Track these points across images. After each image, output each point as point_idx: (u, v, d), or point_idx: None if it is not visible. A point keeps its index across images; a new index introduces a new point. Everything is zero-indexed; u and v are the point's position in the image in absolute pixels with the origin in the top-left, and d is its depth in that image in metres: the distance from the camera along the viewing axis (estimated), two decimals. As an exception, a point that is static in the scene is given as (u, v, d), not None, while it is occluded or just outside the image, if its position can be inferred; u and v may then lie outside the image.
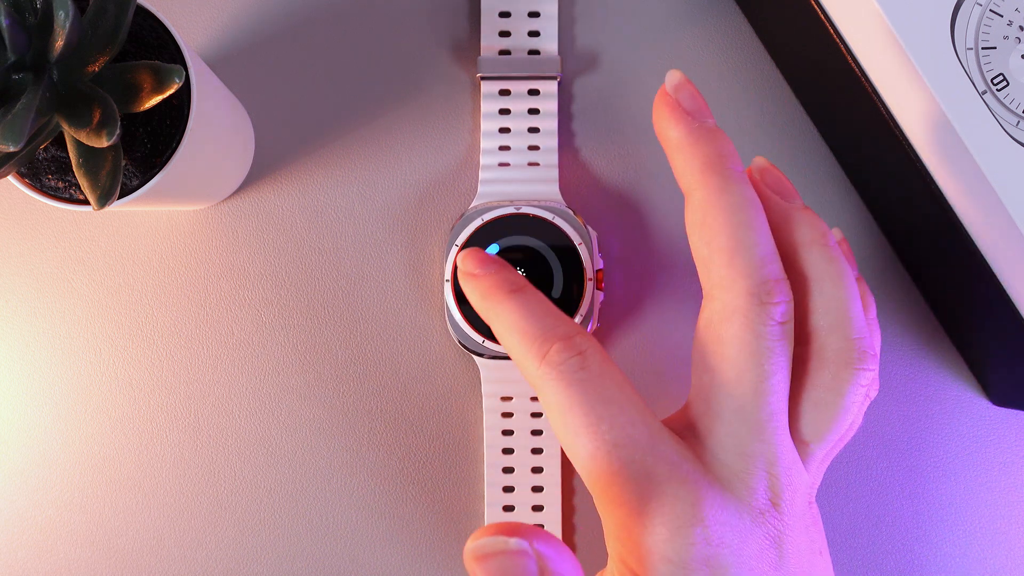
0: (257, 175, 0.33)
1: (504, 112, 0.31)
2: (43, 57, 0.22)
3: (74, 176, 0.25)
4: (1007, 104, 0.25)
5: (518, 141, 0.31)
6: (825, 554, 0.25)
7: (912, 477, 0.33)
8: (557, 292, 0.29)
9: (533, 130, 0.31)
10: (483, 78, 0.31)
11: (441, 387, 0.32)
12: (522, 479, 0.31)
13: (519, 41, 0.31)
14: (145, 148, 0.25)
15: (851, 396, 0.24)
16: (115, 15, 0.23)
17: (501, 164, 0.31)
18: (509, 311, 0.24)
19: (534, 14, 0.31)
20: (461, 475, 0.32)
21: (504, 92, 0.31)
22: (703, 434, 0.24)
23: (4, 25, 0.20)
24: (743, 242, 0.24)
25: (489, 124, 0.31)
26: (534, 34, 0.31)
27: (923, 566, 0.32)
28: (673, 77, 0.25)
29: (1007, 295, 0.27)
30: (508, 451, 0.31)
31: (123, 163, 0.25)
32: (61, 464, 0.32)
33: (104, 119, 0.22)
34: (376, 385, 0.32)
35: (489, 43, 0.31)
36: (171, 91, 0.22)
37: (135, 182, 0.25)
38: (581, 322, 0.29)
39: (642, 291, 0.33)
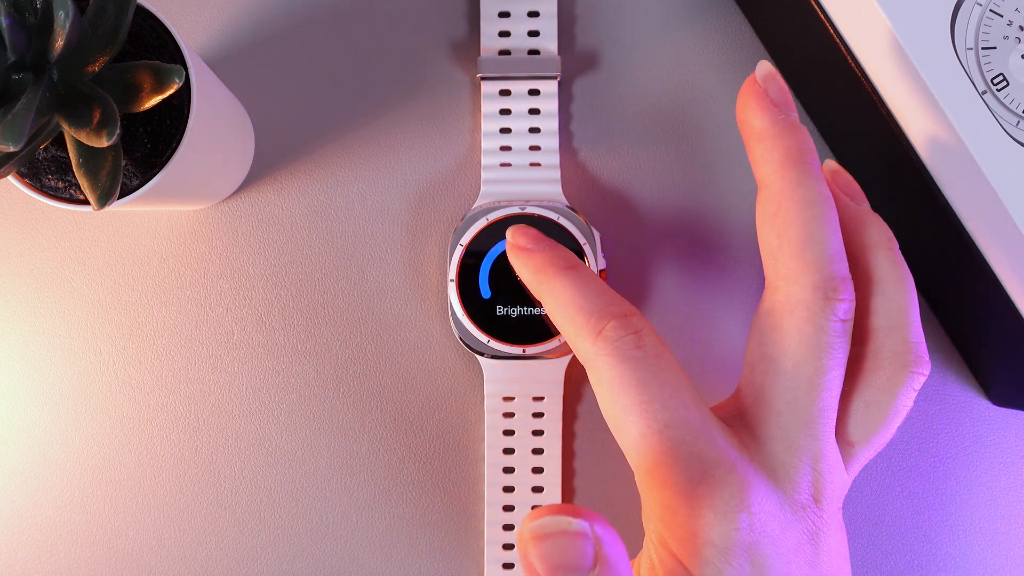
0: (257, 175, 0.33)
1: (505, 112, 0.31)
2: (43, 57, 0.22)
3: (74, 176, 0.25)
4: (1007, 104, 0.25)
5: (519, 141, 0.31)
6: (848, 559, 0.25)
7: (912, 477, 0.33)
8: None
9: (534, 130, 0.31)
10: (483, 78, 0.31)
11: (441, 387, 0.32)
12: (522, 479, 0.31)
13: (519, 41, 0.31)
14: (145, 148, 0.25)
15: (903, 399, 0.24)
16: (115, 15, 0.23)
17: (503, 164, 0.31)
18: (564, 286, 0.24)
19: (533, 14, 0.31)
20: (461, 475, 0.32)
21: (504, 92, 0.31)
22: (753, 423, 0.24)
23: (4, 25, 0.20)
24: (814, 236, 0.24)
25: (490, 124, 0.31)
26: (534, 34, 0.31)
27: (923, 566, 0.32)
28: (763, 67, 0.25)
29: (1007, 295, 0.27)
30: (509, 451, 0.31)
31: (123, 163, 0.25)
32: (61, 464, 0.32)
33: (104, 119, 0.22)
34: (376, 385, 0.32)
35: (489, 43, 0.31)
36: (171, 91, 0.22)
37: (135, 182, 0.25)
38: None
39: (643, 290, 0.33)
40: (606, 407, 0.23)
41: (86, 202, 0.25)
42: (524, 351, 0.29)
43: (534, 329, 0.29)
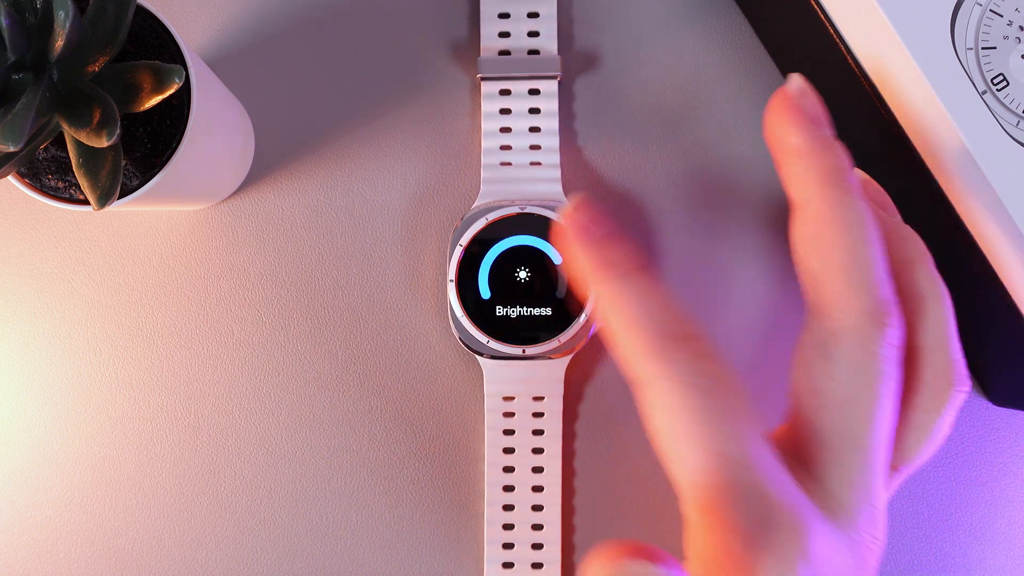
0: (257, 175, 0.33)
1: (505, 112, 0.31)
2: (43, 57, 0.22)
3: (74, 176, 0.25)
4: (1007, 104, 0.25)
5: (519, 141, 0.31)
6: None
7: (912, 477, 0.33)
8: (561, 293, 0.29)
9: (534, 129, 0.31)
10: (483, 78, 0.31)
11: (441, 387, 0.32)
12: (522, 479, 0.31)
13: (519, 41, 0.31)
14: (145, 148, 0.25)
15: (946, 419, 0.24)
16: (115, 15, 0.23)
17: (503, 163, 0.31)
18: (628, 294, 0.22)
19: (533, 15, 0.31)
20: (461, 475, 0.32)
21: (504, 92, 0.31)
22: (808, 460, 0.23)
23: (4, 25, 0.20)
24: (860, 260, 0.23)
25: (490, 124, 0.31)
26: (534, 34, 0.31)
27: (923, 566, 0.32)
28: (796, 81, 0.24)
29: (1007, 295, 0.27)
30: (509, 451, 0.31)
31: (123, 163, 0.25)
32: (61, 464, 0.32)
33: (104, 119, 0.22)
34: (376, 385, 0.32)
35: (489, 44, 0.31)
36: (171, 91, 0.22)
37: (135, 182, 0.25)
38: (586, 322, 0.29)
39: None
40: (662, 433, 0.22)
41: (86, 202, 0.25)
42: (524, 351, 0.29)
43: (534, 329, 0.29)
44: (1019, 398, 0.31)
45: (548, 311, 0.29)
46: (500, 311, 0.29)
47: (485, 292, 0.29)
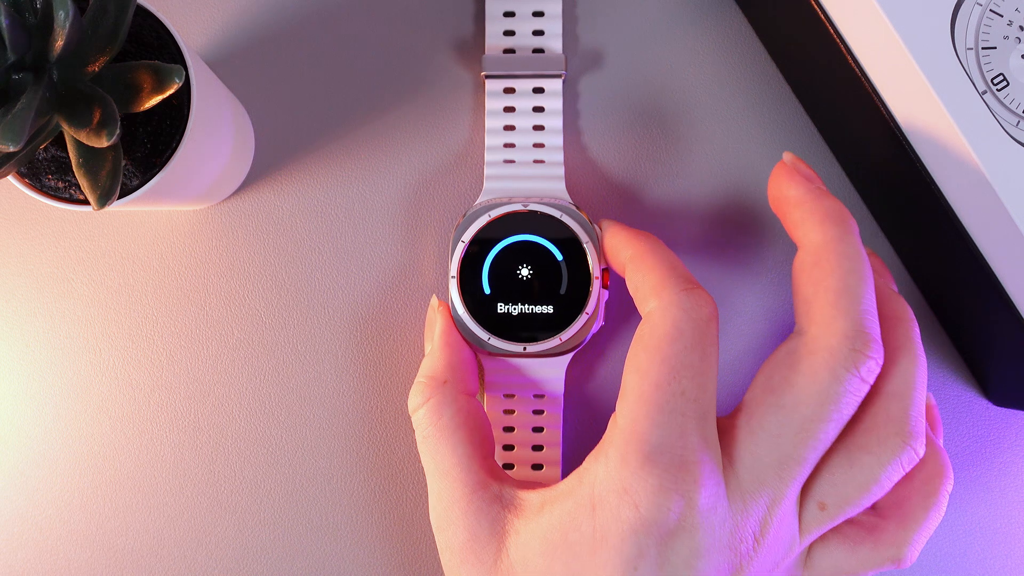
0: (257, 175, 0.33)
1: (509, 110, 0.31)
2: (43, 57, 0.22)
3: (74, 176, 0.25)
4: (1007, 104, 0.25)
5: (523, 139, 0.31)
6: None
7: (912, 477, 0.33)
8: (563, 289, 0.29)
9: (538, 128, 0.31)
10: (488, 76, 0.31)
11: (441, 387, 0.32)
12: (522, 476, 0.31)
13: (523, 40, 0.31)
14: (145, 148, 0.25)
15: (889, 472, 0.24)
16: (115, 15, 0.23)
17: (506, 161, 0.31)
18: (663, 249, 0.27)
19: (538, 13, 0.31)
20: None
21: (509, 90, 0.31)
22: (731, 442, 0.24)
23: (4, 25, 0.20)
24: (851, 288, 0.24)
25: (494, 121, 0.31)
26: (538, 33, 0.31)
27: (923, 566, 0.32)
28: (789, 156, 0.27)
29: (1007, 295, 0.27)
30: (508, 448, 0.31)
31: (123, 163, 0.25)
32: (61, 464, 0.32)
33: (104, 119, 0.22)
34: (377, 385, 0.32)
35: (494, 42, 0.31)
36: (171, 91, 0.22)
37: (135, 182, 0.25)
38: (587, 321, 0.29)
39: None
40: (646, 341, 0.25)
41: (86, 202, 0.25)
42: (525, 348, 0.29)
43: (535, 327, 0.29)
44: (1019, 398, 0.31)
45: (550, 309, 0.29)
46: (501, 308, 0.29)
47: (486, 289, 0.29)
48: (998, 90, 0.25)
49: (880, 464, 0.24)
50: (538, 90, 0.31)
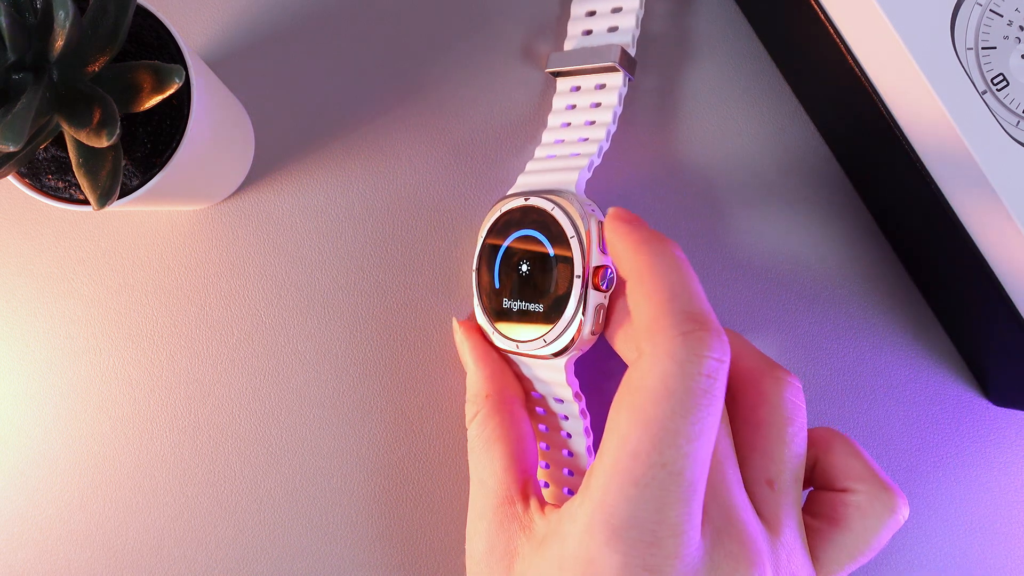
0: (257, 175, 0.33)
1: (571, 108, 0.31)
2: (43, 57, 0.22)
3: (74, 176, 0.25)
4: (1007, 104, 0.25)
5: (572, 134, 0.31)
6: None
7: (912, 477, 0.33)
8: (552, 287, 0.27)
9: (589, 123, 0.31)
10: (553, 74, 0.32)
11: (442, 387, 0.32)
12: (557, 478, 0.30)
13: (598, 33, 0.32)
14: (145, 148, 0.25)
15: (884, 534, 0.24)
16: (115, 15, 0.23)
17: (549, 156, 0.31)
18: (668, 268, 0.23)
19: (616, 10, 0.32)
20: (462, 474, 0.32)
21: (576, 88, 0.31)
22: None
23: (4, 25, 0.20)
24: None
25: (555, 119, 0.31)
26: (613, 30, 0.32)
27: (923, 566, 0.32)
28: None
29: (1007, 295, 0.27)
30: (546, 448, 0.30)
31: (123, 163, 0.25)
32: (61, 464, 0.32)
33: (104, 119, 0.22)
34: (377, 385, 0.32)
35: (573, 32, 0.32)
36: (171, 91, 0.22)
37: (135, 182, 0.25)
38: (568, 325, 0.26)
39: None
40: (630, 397, 0.21)
41: (86, 202, 0.25)
42: (518, 347, 0.28)
43: (528, 325, 0.28)
44: (1019, 398, 0.31)
45: (540, 307, 0.27)
46: (506, 303, 0.28)
47: (496, 283, 0.29)
48: (998, 90, 0.25)
49: (875, 534, 0.24)
50: (600, 86, 0.31)
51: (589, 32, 0.32)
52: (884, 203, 0.32)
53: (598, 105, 0.31)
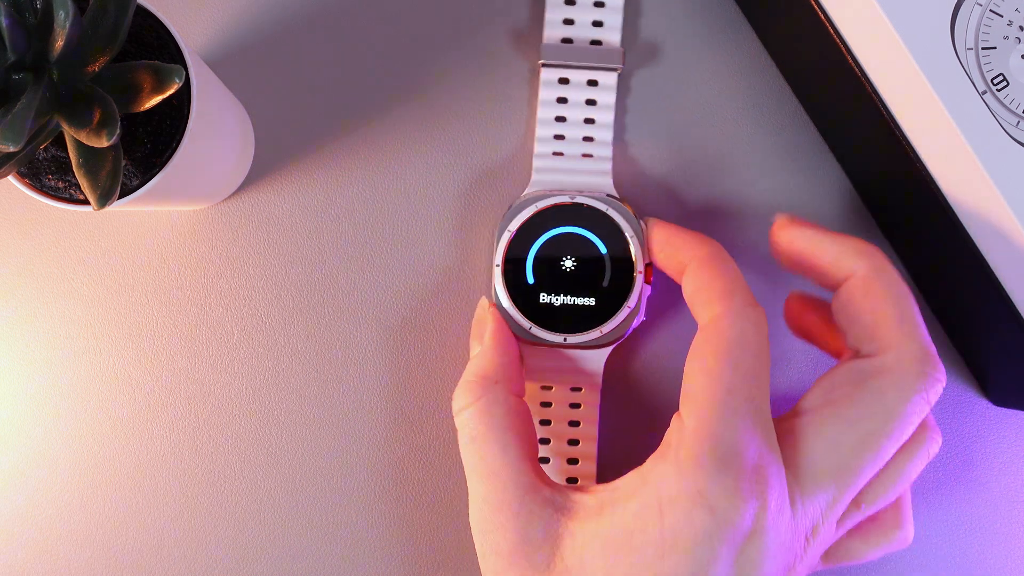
0: (257, 175, 0.33)
1: (562, 101, 0.31)
2: (43, 57, 0.22)
3: (74, 176, 0.25)
4: (1007, 104, 0.25)
5: (573, 131, 0.31)
6: None
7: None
8: (606, 282, 0.29)
9: (589, 121, 0.31)
10: (544, 65, 0.31)
11: (442, 386, 0.32)
12: (558, 469, 0.31)
13: (582, 31, 0.31)
14: (145, 148, 0.25)
15: (918, 463, 0.26)
16: (115, 15, 0.23)
17: (555, 153, 0.31)
18: (729, 262, 0.27)
19: (599, 4, 0.31)
20: (463, 474, 0.32)
21: (563, 80, 0.31)
22: (790, 447, 0.25)
23: (4, 25, 0.20)
24: (909, 313, 0.25)
25: (546, 112, 0.31)
26: (598, 24, 0.31)
27: (923, 566, 0.32)
28: (783, 215, 0.28)
29: (1007, 295, 0.27)
30: (544, 441, 0.31)
31: (123, 163, 0.25)
32: (61, 464, 0.32)
33: (104, 119, 0.22)
34: (377, 385, 0.32)
35: (552, 31, 0.31)
36: (171, 91, 0.22)
37: (135, 182, 0.25)
38: (628, 315, 0.29)
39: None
40: (714, 346, 0.25)
41: (86, 202, 0.25)
42: (565, 339, 0.29)
43: (577, 319, 0.29)
44: (1018, 398, 0.31)
45: (592, 301, 0.29)
46: (544, 298, 0.29)
47: (530, 278, 0.29)
48: (998, 90, 0.25)
49: (911, 461, 0.25)
50: (592, 83, 0.31)
51: (571, 22, 0.31)
52: (884, 203, 0.32)
53: (594, 102, 0.31)
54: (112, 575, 0.32)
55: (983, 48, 0.25)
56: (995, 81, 0.25)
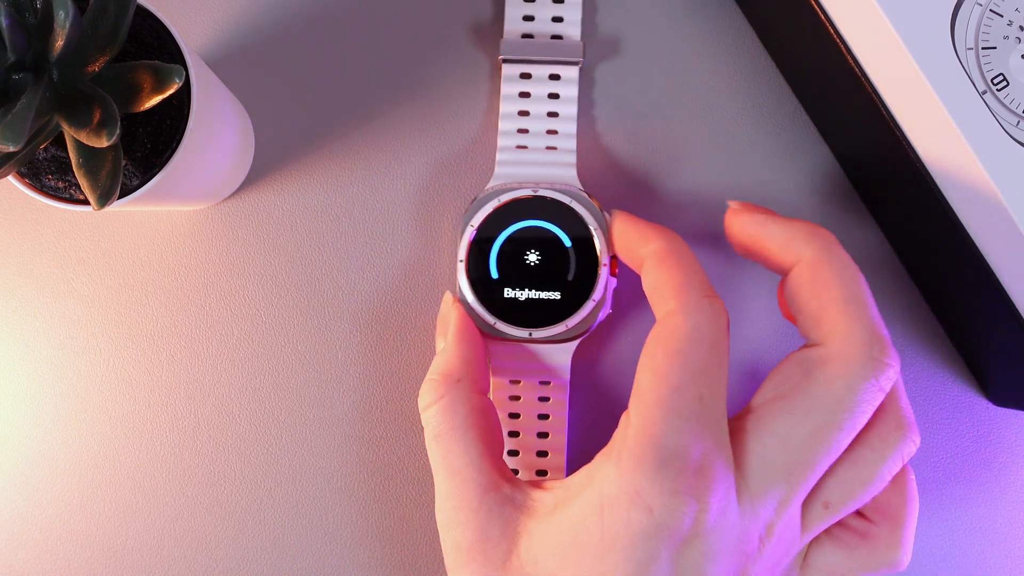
0: (257, 175, 0.33)
1: (524, 95, 0.31)
2: (43, 57, 0.22)
3: (74, 176, 0.25)
4: (1007, 104, 0.25)
5: (537, 124, 0.31)
6: None
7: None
8: (571, 276, 0.29)
9: (552, 114, 0.31)
10: (505, 60, 0.31)
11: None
12: (527, 463, 0.31)
13: (542, 26, 0.31)
14: (145, 148, 0.25)
15: (891, 464, 0.24)
16: (115, 15, 0.23)
17: (519, 147, 0.31)
18: (689, 254, 0.26)
19: (558, 1, 0.31)
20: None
21: (525, 75, 0.31)
22: (739, 445, 0.24)
23: (4, 25, 0.20)
24: (858, 296, 0.24)
25: (508, 106, 0.31)
26: (557, 19, 0.31)
27: (923, 566, 0.32)
28: (735, 202, 0.28)
29: (1007, 295, 0.27)
30: (514, 434, 0.31)
31: (123, 163, 0.25)
32: (61, 464, 0.32)
33: (104, 119, 0.22)
34: (377, 385, 0.32)
35: (512, 27, 0.31)
36: (171, 91, 0.22)
37: (135, 182, 0.25)
38: (593, 308, 0.29)
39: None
40: (665, 343, 0.24)
41: (86, 202, 0.25)
42: (531, 334, 0.29)
43: (542, 313, 0.29)
44: (1019, 398, 0.31)
45: (557, 295, 0.29)
46: (508, 293, 0.29)
47: (494, 273, 0.29)
48: (998, 90, 0.25)
49: (883, 459, 0.24)
50: (554, 77, 0.31)
51: (531, 18, 0.32)
52: (883, 203, 0.32)
53: (556, 96, 0.31)
54: (112, 575, 0.32)
55: (983, 48, 0.25)
56: (995, 81, 0.25)
